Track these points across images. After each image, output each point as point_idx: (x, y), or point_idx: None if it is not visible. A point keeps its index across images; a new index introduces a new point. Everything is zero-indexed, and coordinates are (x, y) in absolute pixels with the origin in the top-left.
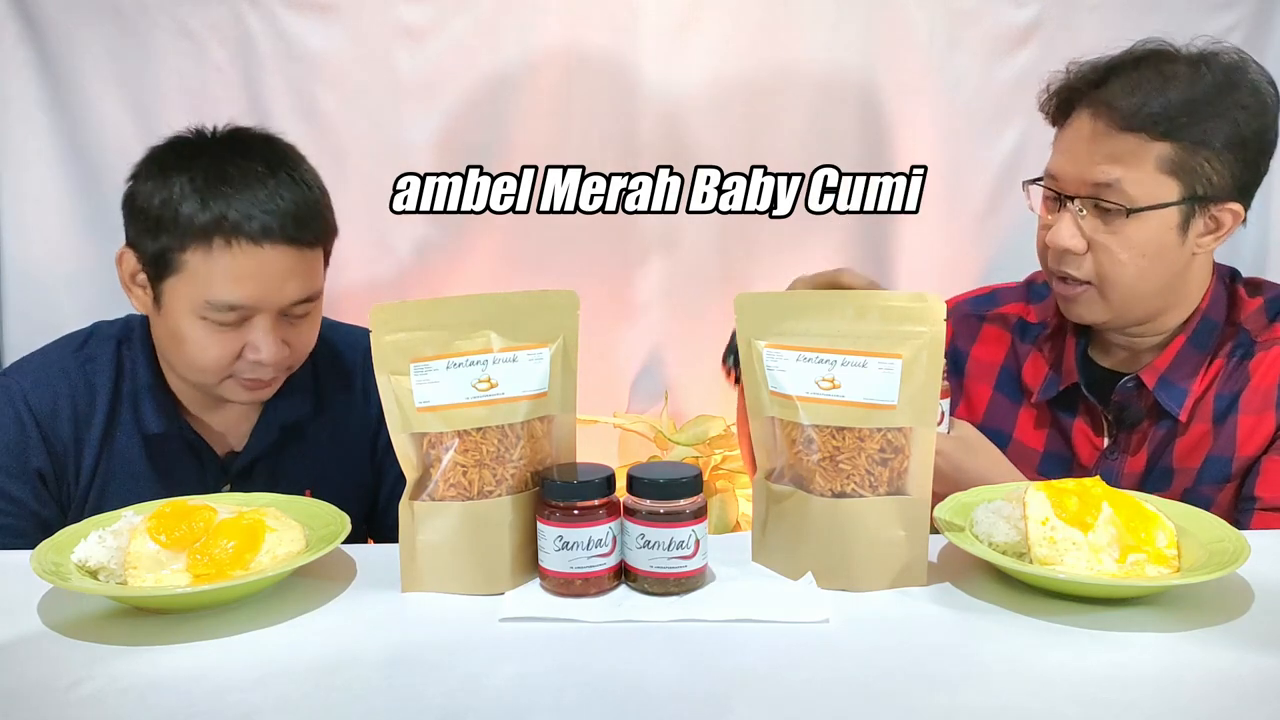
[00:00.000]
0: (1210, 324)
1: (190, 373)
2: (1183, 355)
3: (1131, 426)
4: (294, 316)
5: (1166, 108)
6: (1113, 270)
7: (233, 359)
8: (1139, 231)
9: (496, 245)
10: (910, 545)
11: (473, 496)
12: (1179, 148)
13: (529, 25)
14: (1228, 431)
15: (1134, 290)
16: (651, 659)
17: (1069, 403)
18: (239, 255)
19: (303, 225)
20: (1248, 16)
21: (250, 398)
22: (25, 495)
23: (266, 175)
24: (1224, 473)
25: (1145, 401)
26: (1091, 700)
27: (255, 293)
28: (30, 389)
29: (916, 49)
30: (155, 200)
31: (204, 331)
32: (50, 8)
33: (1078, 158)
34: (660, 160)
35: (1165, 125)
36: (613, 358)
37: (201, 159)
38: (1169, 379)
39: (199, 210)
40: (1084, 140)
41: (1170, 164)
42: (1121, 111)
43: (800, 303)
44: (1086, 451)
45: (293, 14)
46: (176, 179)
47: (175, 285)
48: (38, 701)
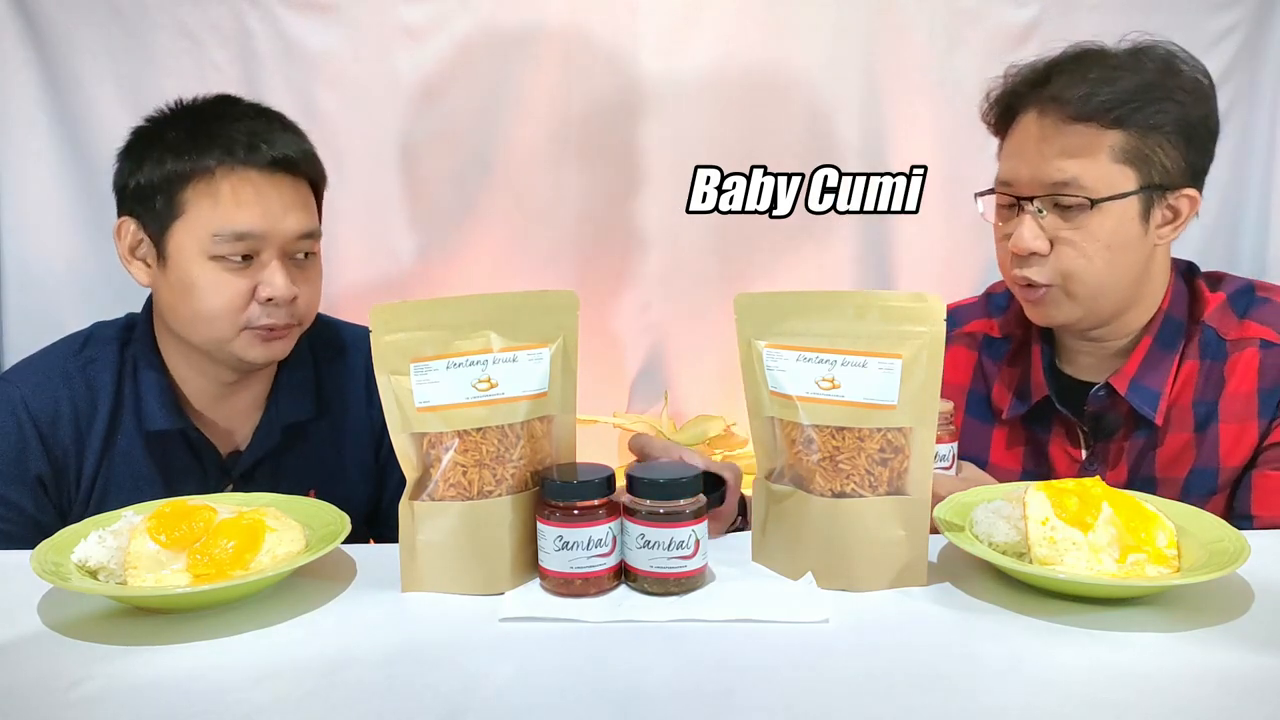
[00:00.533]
0: (1174, 322)
1: (203, 327)
2: (1151, 357)
3: (1109, 436)
4: (298, 260)
5: (1115, 95)
6: (1078, 266)
7: (246, 301)
8: (1102, 224)
9: (496, 246)
10: (910, 545)
11: (473, 496)
12: (1131, 135)
13: (529, 25)
14: (1210, 441)
15: (1101, 285)
16: (651, 659)
17: (1041, 418)
18: (241, 181)
19: (299, 159)
20: (1248, 16)
21: (264, 353)
22: (24, 501)
23: (258, 116)
24: (1210, 485)
25: (1120, 408)
26: (1091, 700)
27: (261, 220)
28: (30, 394)
29: (916, 49)
30: (148, 157)
31: (215, 273)
32: (50, 8)
33: (1030, 159)
34: (660, 160)
35: (1116, 112)
36: (613, 358)
37: (186, 114)
38: (1139, 382)
39: (199, 147)
40: (1034, 140)
41: (1124, 153)
42: (1070, 103)
43: (800, 303)
44: (1064, 466)
45: (293, 14)
46: (169, 132)
47: (180, 230)
48: (38, 701)
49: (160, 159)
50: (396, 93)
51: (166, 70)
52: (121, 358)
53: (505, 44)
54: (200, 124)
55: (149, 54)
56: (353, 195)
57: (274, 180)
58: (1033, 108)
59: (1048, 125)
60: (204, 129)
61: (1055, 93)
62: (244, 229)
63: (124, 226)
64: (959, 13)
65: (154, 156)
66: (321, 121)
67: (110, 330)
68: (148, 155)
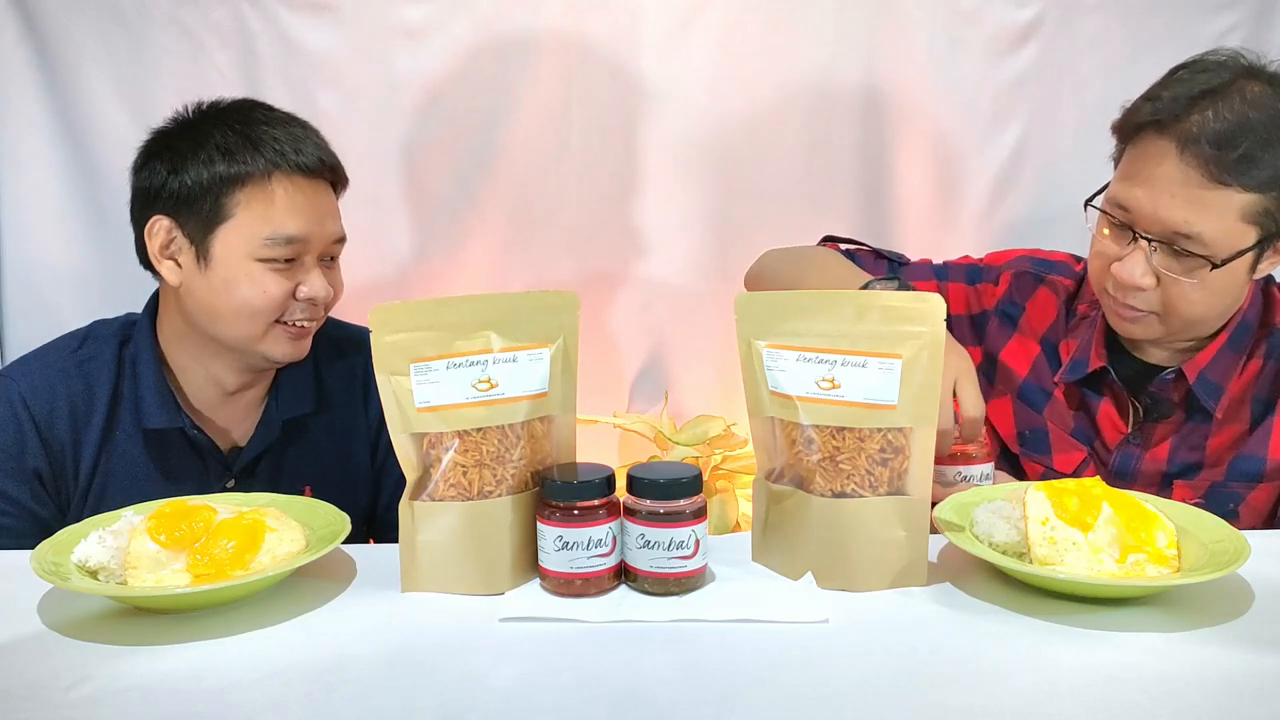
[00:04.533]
0: (1247, 325)
1: (240, 323)
2: (1221, 354)
3: (1159, 419)
4: (328, 261)
5: (1253, 154)
6: (1182, 306)
7: (287, 299)
8: (1217, 279)
9: (497, 245)
10: (910, 545)
11: (473, 496)
12: (1266, 198)
13: (529, 25)
14: (1262, 432)
15: (1200, 319)
16: (651, 659)
17: (1096, 384)
18: (293, 187)
19: (335, 165)
20: (1248, 16)
21: (291, 350)
22: (23, 495)
23: (292, 123)
24: (1256, 471)
25: (1179, 394)
26: (1091, 700)
27: (308, 226)
28: (28, 390)
29: (917, 49)
30: (193, 159)
31: (260, 272)
32: (50, 8)
33: (1158, 198)
34: (660, 160)
35: (1257, 178)
36: (613, 358)
37: (228, 116)
38: (1208, 376)
39: (250, 151)
40: (1164, 179)
41: (1253, 214)
42: (1213, 161)
43: (800, 303)
44: (1110, 433)
45: (293, 14)
46: (213, 134)
47: (229, 232)
48: (38, 701)
49: (209, 161)
50: (396, 93)
51: (167, 71)
52: (120, 356)
53: (505, 44)
54: (245, 127)
55: (149, 54)
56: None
57: (316, 186)
58: (1172, 140)
59: (1190, 170)
60: (250, 133)
61: (1203, 137)
62: (295, 233)
63: (156, 225)
64: (959, 13)
65: (199, 158)
66: (321, 121)
67: (110, 329)
68: (190, 156)
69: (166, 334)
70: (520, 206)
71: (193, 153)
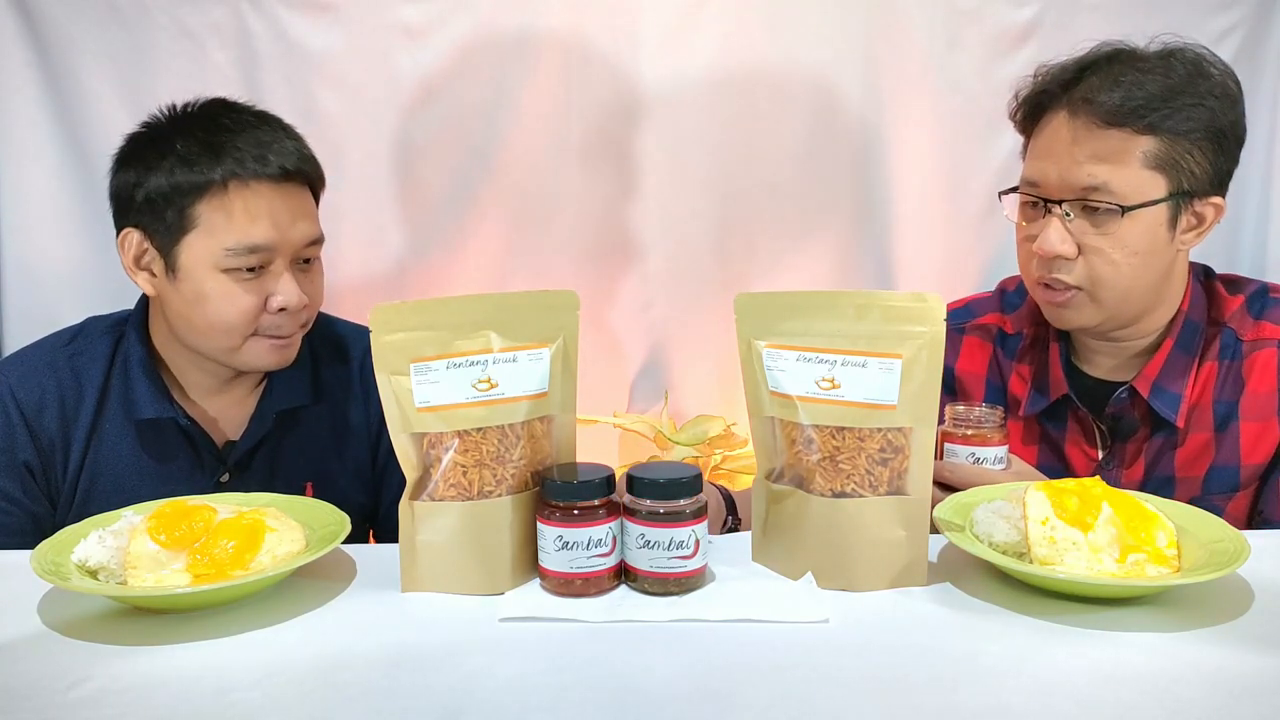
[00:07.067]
0: (1193, 325)
1: (215, 336)
2: (1171, 359)
3: (1127, 437)
4: (304, 265)
5: (1148, 99)
6: (1106, 272)
7: (258, 311)
8: (1131, 231)
9: (496, 245)
10: (910, 545)
11: (473, 496)
12: (1163, 141)
13: (529, 25)
14: (1230, 439)
15: (1128, 291)
16: (651, 659)
17: (1057, 415)
18: (254, 195)
19: (305, 165)
20: (1248, 16)
21: (274, 359)
22: (13, 489)
23: (260, 123)
24: (1231, 482)
25: (1139, 410)
26: (1091, 700)
27: (272, 232)
28: (17, 383)
29: (916, 49)
30: (157, 168)
31: (227, 284)
32: (50, 8)
33: (1059, 161)
34: (660, 160)
35: (1149, 117)
36: (613, 358)
37: (192, 123)
38: (1161, 385)
39: (209, 160)
40: (1064, 142)
41: (1156, 159)
42: (1104, 106)
43: (800, 303)
44: (1081, 464)
45: (293, 14)
46: (175, 142)
47: (192, 243)
48: (38, 701)
49: (170, 171)
50: (396, 93)
51: (167, 70)
52: (113, 351)
53: (505, 44)
54: (207, 134)
55: (149, 54)
56: (353, 195)
57: (282, 190)
58: (1063, 108)
59: (1079, 128)
60: (211, 140)
61: (1087, 94)
62: (257, 242)
63: (128, 238)
64: (959, 13)
65: (163, 168)
66: (321, 121)
67: (102, 325)
68: (155, 166)
69: (158, 333)
70: (520, 206)
71: (157, 162)
